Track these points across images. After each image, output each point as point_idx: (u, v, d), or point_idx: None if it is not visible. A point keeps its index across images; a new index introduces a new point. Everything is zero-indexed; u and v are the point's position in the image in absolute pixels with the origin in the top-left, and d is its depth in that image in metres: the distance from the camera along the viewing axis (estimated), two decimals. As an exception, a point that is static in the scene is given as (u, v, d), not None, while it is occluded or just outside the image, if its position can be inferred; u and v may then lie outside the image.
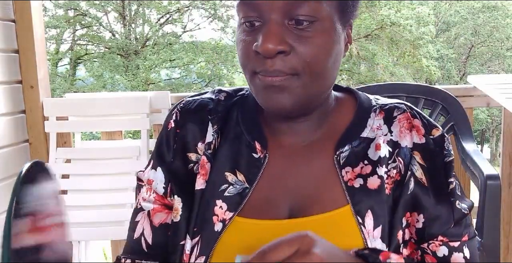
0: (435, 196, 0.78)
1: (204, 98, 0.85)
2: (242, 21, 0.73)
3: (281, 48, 0.69)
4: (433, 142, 0.79)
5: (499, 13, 16.31)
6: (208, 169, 0.81)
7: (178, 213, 0.81)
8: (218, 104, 0.84)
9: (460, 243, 0.78)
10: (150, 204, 0.84)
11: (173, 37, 16.29)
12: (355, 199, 0.75)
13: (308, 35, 0.70)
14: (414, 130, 0.79)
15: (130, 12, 16.25)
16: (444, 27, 17.38)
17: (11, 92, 2.18)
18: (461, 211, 0.78)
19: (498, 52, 16.65)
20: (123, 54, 15.89)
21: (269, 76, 0.71)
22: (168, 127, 0.85)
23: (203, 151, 0.81)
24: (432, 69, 15.48)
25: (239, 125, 0.82)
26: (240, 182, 0.79)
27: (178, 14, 16.56)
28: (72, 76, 16.30)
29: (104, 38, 16.48)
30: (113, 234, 2.09)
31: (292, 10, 0.69)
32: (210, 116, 0.83)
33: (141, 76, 15.07)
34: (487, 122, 16.01)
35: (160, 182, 0.84)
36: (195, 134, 0.83)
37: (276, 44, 0.69)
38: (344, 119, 0.81)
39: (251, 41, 0.72)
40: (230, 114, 0.84)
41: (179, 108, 0.85)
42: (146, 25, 16.52)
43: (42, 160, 0.67)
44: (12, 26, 2.21)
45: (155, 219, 0.84)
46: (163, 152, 0.84)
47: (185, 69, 16.20)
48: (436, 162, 0.78)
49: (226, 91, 0.86)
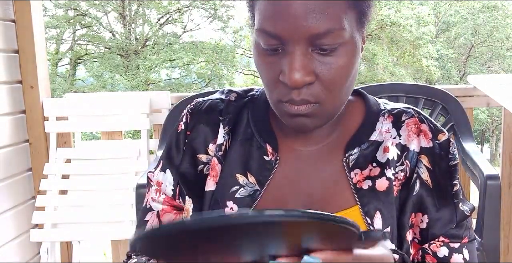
0: (439, 198, 0.79)
1: (214, 99, 0.85)
2: (262, 47, 0.71)
3: (308, 80, 0.68)
4: (439, 146, 0.80)
5: (499, 13, 16.31)
6: (218, 171, 0.81)
7: (188, 213, 0.82)
8: (229, 105, 0.83)
9: (460, 244, 0.79)
10: (159, 205, 0.84)
11: (173, 37, 16.29)
12: (363, 200, 0.77)
13: (331, 61, 0.69)
14: (422, 135, 0.80)
15: (130, 12, 16.25)
16: (444, 27, 17.37)
17: (11, 92, 2.18)
18: (463, 213, 0.80)
19: (498, 52, 16.65)
20: (123, 54, 15.89)
21: (295, 105, 0.70)
22: (178, 130, 0.85)
23: (214, 152, 0.82)
24: (432, 69, 15.48)
25: (250, 127, 0.82)
26: (251, 184, 0.79)
27: (178, 14, 16.57)
28: (72, 76, 16.30)
29: (104, 38, 16.49)
30: (113, 234, 2.09)
31: (317, 40, 0.67)
32: (221, 117, 0.83)
33: (141, 76, 15.07)
34: (487, 122, 16.01)
35: (169, 184, 0.84)
36: (206, 135, 0.83)
37: (304, 77, 0.68)
38: (354, 123, 0.82)
39: (275, 67, 0.70)
40: (241, 115, 0.83)
41: (189, 110, 0.85)
42: (146, 25, 16.53)
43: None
44: (12, 26, 2.20)
45: (164, 220, 0.84)
46: (172, 154, 0.84)
47: (185, 69, 16.20)
48: (441, 166, 0.79)
49: (237, 92, 0.86)
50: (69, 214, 2.13)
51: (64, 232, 2.12)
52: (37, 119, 2.25)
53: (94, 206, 2.12)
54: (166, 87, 15.43)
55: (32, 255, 2.25)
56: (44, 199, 2.13)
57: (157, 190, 0.85)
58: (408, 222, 0.78)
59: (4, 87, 2.14)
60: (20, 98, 2.23)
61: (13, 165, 2.17)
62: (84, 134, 8.49)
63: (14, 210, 2.16)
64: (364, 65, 16.03)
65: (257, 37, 0.71)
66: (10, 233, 2.13)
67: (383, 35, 15.42)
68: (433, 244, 0.79)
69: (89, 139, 10.26)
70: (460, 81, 16.40)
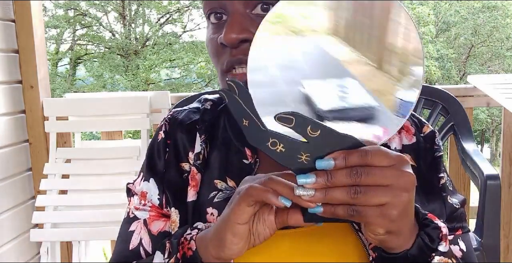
0: (426, 193, 0.78)
1: (191, 108, 0.86)
2: (207, 16, 0.74)
3: (243, 36, 0.69)
4: (424, 139, 0.80)
5: (499, 13, 16.31)
6: (198, 180, 0.79)
7: (176, 225, 0.80)
8: (205, 114, 0.84)
9: (454, 236, 0.78)
10: (145, 213, 0.82)
11: (173, 37, 16.30)
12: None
13: None
14: (404, 132, 0.80)
15: (130, 12, 16.26)
16: (444, 27, 17.38)
17: (11, 92, 2.18)
18: (453, 206, 0.79)
19: (498, 52, 16.65)
20: (123, 54, 15.90)
21: (237, 75, 0.71)
22: (158, 138, 0.84)
23: (193, 162, 0.81)
24: (432, 69, 15.48)
25: (227, 132, 0.82)
26: (230, 188, 0.78)
27: (178, 14, 16.58)
28: (72, 76, 16.31)
29: (104, 38, 16.49)
30: (113, 234, 2.09)
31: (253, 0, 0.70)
32: (198, 126, 0.82)
33: (141, 76, 15.08)
34: (487, 122, 16.01)
35: (154, 193, 0.82)
36: (185, 143, 0.82)
37: (238, 33, 0.69)
38: None
39: (218, 36, 0.73)
40: (217, 122, 0.83)
41: (167, 119, 0.85)
42: (146, 25, 16.54)
43: None
44: (12, 26, 2.21)
45: (153, 228, 0.81)
46: (154, 163, 0.84)
47: (185, 69, 16.21)
48: (426, 158, 0.79)
49: (212, 100, 0.86)
50: (69, 214, 2.13)
51: (64, 232, 2.12)
52: (37, 119, 2.25)
53: (94, 206, 2.12)
54: (166, 87, 15.43)
55: (32, 255, 2.25)
56: (44, 199, 2.13)
57: (141, 198, 0.83)
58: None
59: (4, 87, 2.14)
60: (20, 98, 2.23)
61: (13, 165, 2.17)
62: (84, 133, 8.49)
63: (14, 210, 2.16)
64: (364, 65, 16.02)
65: (204, 10, 0.74)
66: (10, 233, 2.13)
67: (383, 35, 15.41)
68: None
69: (89, 139, 10.26)
70: (460, 81, 16.40)
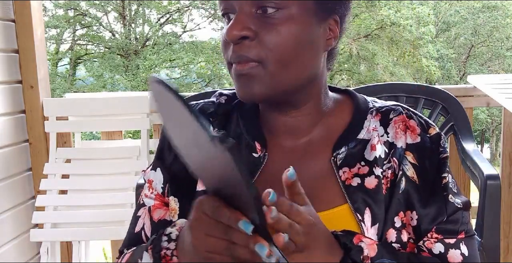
0: (428, 192, 0.79)
1: (206, 102, 0.88)
2: (222, 15, 0.77)
3: (244, 34, 0.72)
4: (430, 140, 0.81)
5: (499, 13, 16.30)
6: None
7: (176, 212, 0.84)
8: (219, 107, 0.87)
9: (456, 240, 0.78)
10: (151, 200, 0.87)
11: (173, 37, 16.29)
12: (353, 197, 0.77)
13: (274, 23, 0.72)
14: (409, 131, 0.81)
15: (130, 12, 16.25)
16: (444, 27, 17.37)
17: (11, 92, 2.18)
18: (454, 205, 0.79)
19: (498, 52, 16.64)
20: (123, 54, 15.89)
21: (238, 65, 0.74)
22: None
23: None
24: (432, 69, 15.47)
25: (239, 126, 0.85)
26: None
27: (178, 14, 16.57)
28: (72, 76, 16.30)
29: (104, 38, 16.48)
30: (113, 234, 2.09)
31: (260, 0, 0.72)
32: (211, 119, 0.85)
33: (141, 76, 15.06)
34: (487, 122, 16.01)
35: (159, 182, 0.87)
36: None
37: (239, 30, 0.72)
38: (342, 121, 0.83)
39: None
40: (230, 116, 0.86)
41: None
42: (146, 25, 16.53)
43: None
44: (12, 26, 2.20)
45: (154, 215, 0.86)
46: (164, 154, 0.87)
47: (185, 69, 16.20)
48: (431, 159, 0.80)
49: (227, 94, 0.89)
50: (69, 214, 2.13)
51: (64, 232, 2.12)
52: (37, 119, 2.25)
53: (94, 206, 2.12)
54: (166, 87, 15.38)
55: (32, 255, 2.25)
56: (44, 199, 2.13)
57: (149, 187, 0.88)
58: (392, 220, 0.77)
59: (4, 87, 2.14)
60: (20, 98, 2.23)
61: (13, 165, 2.17)
62: (84, 133, 8.49)
63: (14, 210, 2.16)
64: (364, 65, 16.04)
65: (219, 8, 0.77)
66: (10, 233, 2.13)
67: (383, 35, 15.41)
68: (427, 241, 0.78)
69: (89, 139, 10.26)
70: (460, 81, 16.39)
